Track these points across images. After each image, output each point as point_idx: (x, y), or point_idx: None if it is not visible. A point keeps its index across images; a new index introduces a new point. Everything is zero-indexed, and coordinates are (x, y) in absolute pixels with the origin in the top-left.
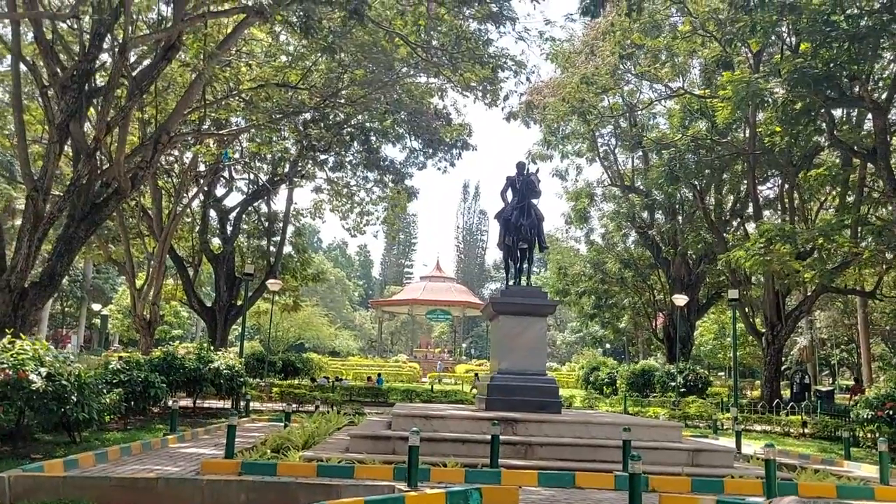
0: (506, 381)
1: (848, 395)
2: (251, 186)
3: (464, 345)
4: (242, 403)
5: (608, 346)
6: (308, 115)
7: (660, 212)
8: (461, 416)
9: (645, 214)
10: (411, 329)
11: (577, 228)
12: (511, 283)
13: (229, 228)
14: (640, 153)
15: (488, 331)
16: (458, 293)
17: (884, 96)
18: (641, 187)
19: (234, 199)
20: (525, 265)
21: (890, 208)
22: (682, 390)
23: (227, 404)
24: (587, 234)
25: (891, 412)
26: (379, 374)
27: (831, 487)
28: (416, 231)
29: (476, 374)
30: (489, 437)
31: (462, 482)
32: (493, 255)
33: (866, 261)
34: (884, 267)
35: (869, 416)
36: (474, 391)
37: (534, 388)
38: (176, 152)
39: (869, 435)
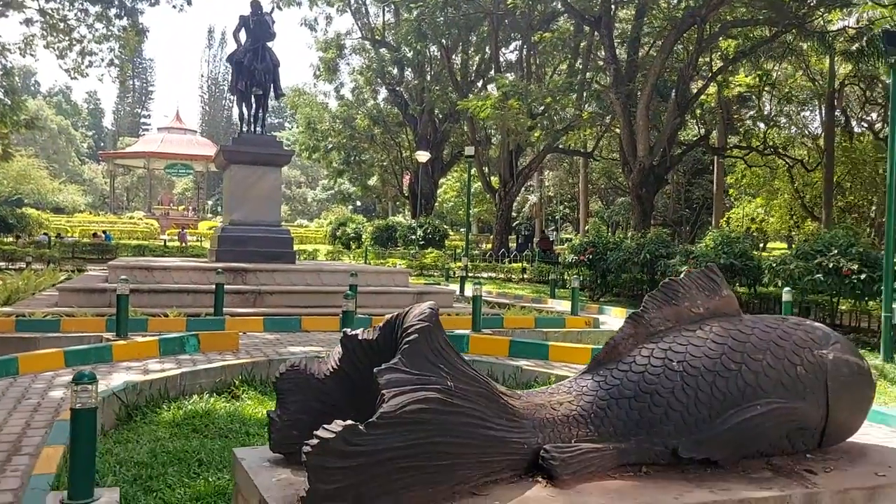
0: (238, 232)
1: (539, 249)
2: None
3: (210, 202)
4: None
5: (358, 203)
6: None
7: (409, 69)
8: (187, 268)
9: (394, 71)
10: (150, 185)
11: (327, 82)
12: (245, 130)
13: None
14: (392, 7)
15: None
16: (200, 146)
17: None
18: (392, 42)
19: None
20: (260, 112)
21: (609, 75)
22: (421, 243)
23: None
24: (337, 89)
25: (591, 256)
26: (105, 231)
27: (531, 319)
28: (154, 78)
29: (183, 227)
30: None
31: (184, 331)
32: None
33: (586, 122)
34: (601, 129)
35: (573, 261)
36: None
37: (267, 238)
38: None
39: (573, 277)
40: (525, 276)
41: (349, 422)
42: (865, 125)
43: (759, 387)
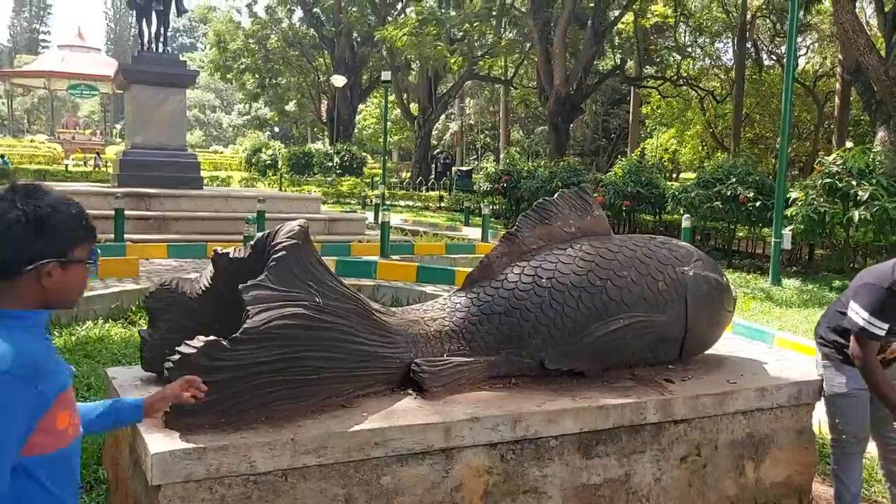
0: (140, 156)
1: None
2: None
3: (118, 126)
4: None
5: (276, 129)
6: None
7: None
8: (86, 192)
9: None
10: (52, 106)
11: None
12: (146, 48)
13: None
14: None
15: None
16: (105, 66)
17: None
18: None
19: None
20: (161, 29)
21: (527, 1)
22: (338, 171)
23: None
24: (249, 6)
25: (505, 185)
26: (2, 155)
27: (441, 246)
28: None
29: (97, 153)
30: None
31: None
32: None
33: (504, 49)
34: (521, 57)
35: (488, 189)
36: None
37: (172, 163)
38: None
39: (485, 205)
40: (442, 204)
41: (212, 337)
42: (775, 58)
43: (622, 301)
